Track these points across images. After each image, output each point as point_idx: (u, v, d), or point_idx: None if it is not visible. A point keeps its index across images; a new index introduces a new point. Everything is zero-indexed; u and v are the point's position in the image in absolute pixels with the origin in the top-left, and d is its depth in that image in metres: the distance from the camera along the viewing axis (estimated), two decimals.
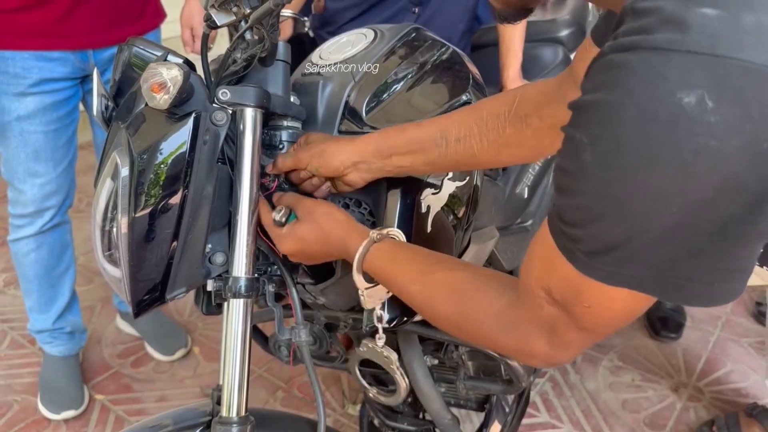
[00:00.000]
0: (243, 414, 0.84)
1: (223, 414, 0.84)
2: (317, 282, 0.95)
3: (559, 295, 0.58)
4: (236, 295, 0.83)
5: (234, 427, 0.83)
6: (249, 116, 0.83)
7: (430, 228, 0.97)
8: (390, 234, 0.81)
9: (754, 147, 0.43)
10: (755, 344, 2.10)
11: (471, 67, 1.12)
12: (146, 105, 0.79)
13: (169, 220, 0.79)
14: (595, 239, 0.51)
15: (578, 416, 1.83)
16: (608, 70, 0.46)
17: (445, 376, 1.23)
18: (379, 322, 0.86)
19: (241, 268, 0.83)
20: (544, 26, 1.74)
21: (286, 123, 0.93)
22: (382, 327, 0.86)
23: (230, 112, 0.82)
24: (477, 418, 1.74)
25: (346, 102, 0.97)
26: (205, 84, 0.84)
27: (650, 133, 0.44)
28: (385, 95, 0.99)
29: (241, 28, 0.83)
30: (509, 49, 1.61)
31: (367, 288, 0.81)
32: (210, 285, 0.87)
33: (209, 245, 0.85)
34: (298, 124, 0.95)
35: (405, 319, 0.91)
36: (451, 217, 1.01)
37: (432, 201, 0.97)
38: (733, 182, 0.44)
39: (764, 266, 0.75)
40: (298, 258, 0.87)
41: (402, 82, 1.02)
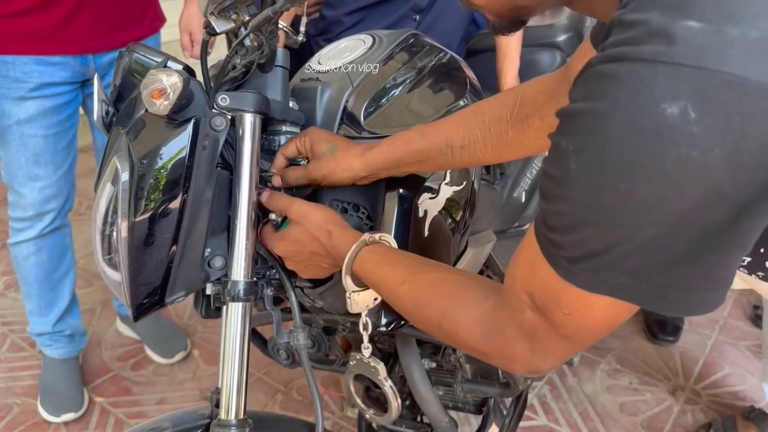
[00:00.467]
0: (242, 417, 0.85)
1: (222, 417, 0.84)
2: (315, 285, 0.95)
3: (540, 301, 0.59)
4: (235, 298, 0.84)
5: (233, 430, 0.84)
6: (248, 122, 0.84)
7: (427, 232, 0.98)
8: (382, 239, 0.82)
9: (734, 158, 0.43)
10: (752, 347, 2.11)
11: (468, 72, 1.13)
12: (146, 111, 0.80)
13: (168, 225, 0.79)
14: (577, 246, 0.51)
15: (576, 419, 1.84)
16: (596, 80, 0.47)
17: (442, 379, 1.24)
18: (364, 330, 0.86)
19: (239, 272, 0.84)
20: (542, 31, 1.75)
21: (285, 128, 0.94)
22: (367, 335, 0.87)
23: (230, 117, 0.83)
24: (475, 421, 1.74)
25: (345, 107, 0.98)
26: (205, 90, 0.85)
27: (635, 143, 0.44)
28: (384, 100, 1.00)
29: (240, 34, 0.83)
30: (506, 55, 1.62)
31: (354, 291, 0.81)
32: (209, 289, 0.87)
33: (208, 249, 0.85)
34: (297, 129, 0.96)
35: (402, 322, 0.92)
36: (449, 220, 1.02)
37: (429, 205, 0.98)
38: (714, 192, 0.44)
39: (753, 275, 0.76)
40: (293, 263, 0.88)
41: (400, 88, 1.02)
